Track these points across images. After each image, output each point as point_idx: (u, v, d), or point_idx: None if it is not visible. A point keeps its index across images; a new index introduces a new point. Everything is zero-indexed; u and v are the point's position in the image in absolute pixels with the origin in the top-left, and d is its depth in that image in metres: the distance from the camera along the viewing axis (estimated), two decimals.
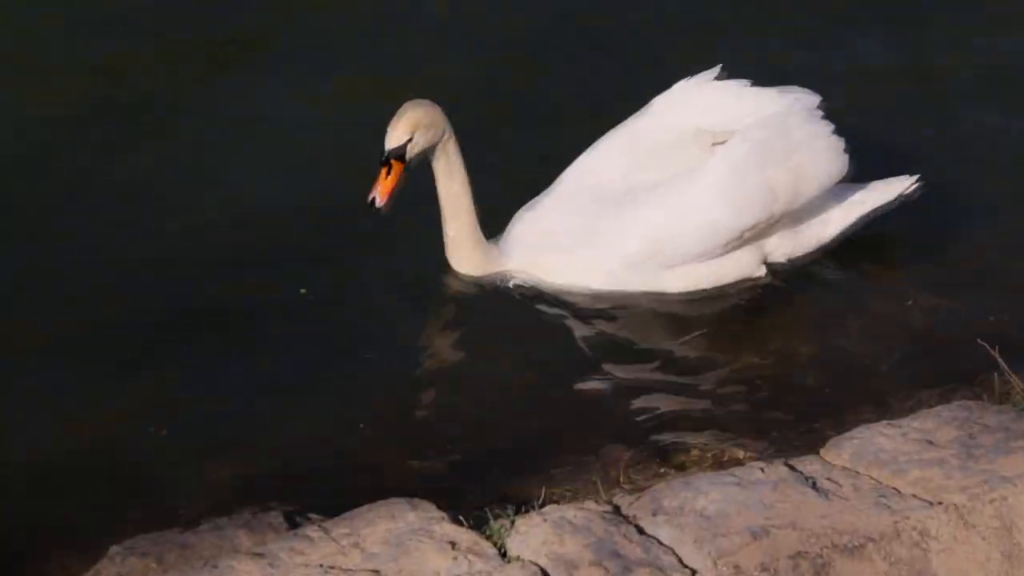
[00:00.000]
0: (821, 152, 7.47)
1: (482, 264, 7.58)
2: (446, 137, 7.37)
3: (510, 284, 7.61)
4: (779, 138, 7.42)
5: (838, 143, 7.49)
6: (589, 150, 7.70)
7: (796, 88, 7.64)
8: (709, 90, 7.66)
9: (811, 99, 7.59)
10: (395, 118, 7.32)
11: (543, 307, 7.56)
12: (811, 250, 7.74)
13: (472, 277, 7.60)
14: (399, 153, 7.29)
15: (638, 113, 7.73)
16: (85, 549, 5.98)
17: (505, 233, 7.68)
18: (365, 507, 5.56)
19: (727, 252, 7.53)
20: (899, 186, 7.74)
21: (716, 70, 7.68)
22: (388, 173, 7.29)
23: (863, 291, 7.71)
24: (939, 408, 6.03)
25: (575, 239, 7.52)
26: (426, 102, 7.36)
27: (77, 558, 5.97)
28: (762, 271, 7.65)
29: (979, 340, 6.64)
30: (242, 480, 6.43)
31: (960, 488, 5.55)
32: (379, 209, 7.32)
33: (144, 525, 6.05)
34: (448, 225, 7.53)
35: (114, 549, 5.87)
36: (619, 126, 7.73)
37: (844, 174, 7.54)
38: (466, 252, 7.55)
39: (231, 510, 6.06)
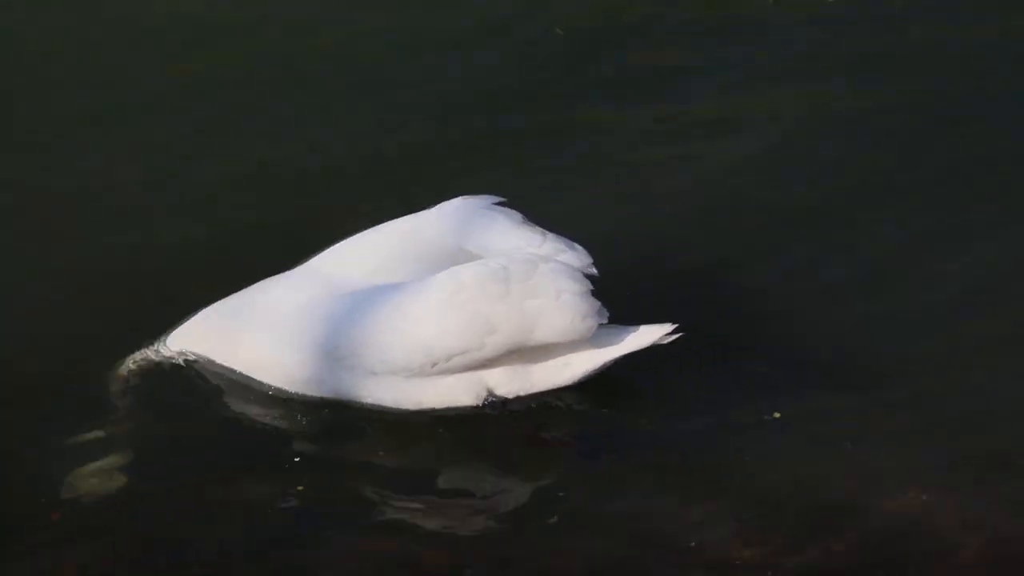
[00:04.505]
0: (560, 308, 7.17)
1: None
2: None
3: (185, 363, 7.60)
4: (519, 279, 7.16)
5: (583, 305, 7.18)
6: (347, 240, 7.56)
7: (571, 241, 7.44)
8: (483, 214, 7.51)
9: (580, 256, 7.38)
10: None
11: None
12: (543, 390, 7.40)
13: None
14: None
15: (408, 216, 7.58)
16: None
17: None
18: None
19: (439, 374, 7.24)
20: (653, 334, 7.37)
21: (494, 198, 7.59)
22: None
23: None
24: None
25: (270, 326, 7.36)
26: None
27: None
28: (477, 402, 7.33)
29: None
30: None
31: None
32: None
33: None
34: None
35: None
36: (384, 224, 7.57)
37: (585, 335, 7.22)
38: None
39: None
